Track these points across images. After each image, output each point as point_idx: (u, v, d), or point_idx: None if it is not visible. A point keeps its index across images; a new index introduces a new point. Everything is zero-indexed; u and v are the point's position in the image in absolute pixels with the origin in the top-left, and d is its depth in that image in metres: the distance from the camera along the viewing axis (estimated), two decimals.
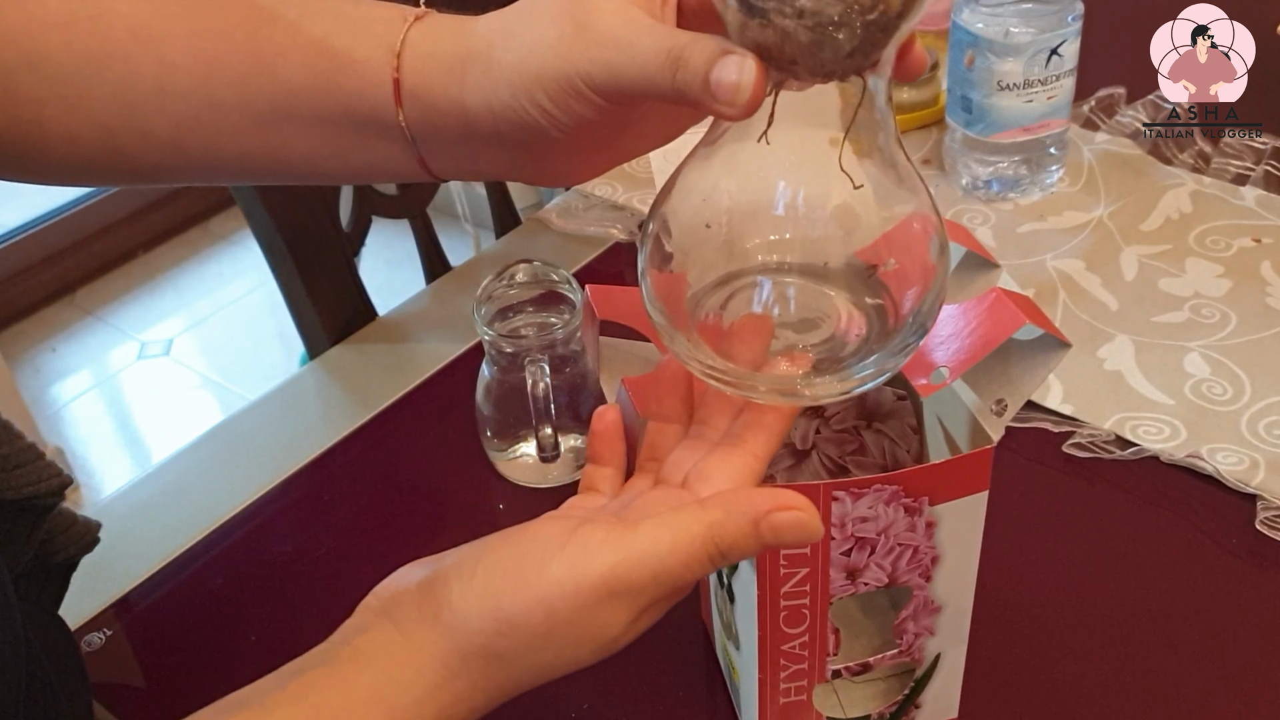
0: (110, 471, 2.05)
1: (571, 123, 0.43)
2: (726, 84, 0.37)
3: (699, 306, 0.44)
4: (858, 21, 0.35)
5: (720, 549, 0.39)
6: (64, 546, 0.63)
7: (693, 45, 0.38)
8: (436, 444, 0.80)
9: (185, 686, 0.65)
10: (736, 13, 0.36)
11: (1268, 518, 0.67)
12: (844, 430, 0.59)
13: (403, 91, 0.45)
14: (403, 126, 0.46)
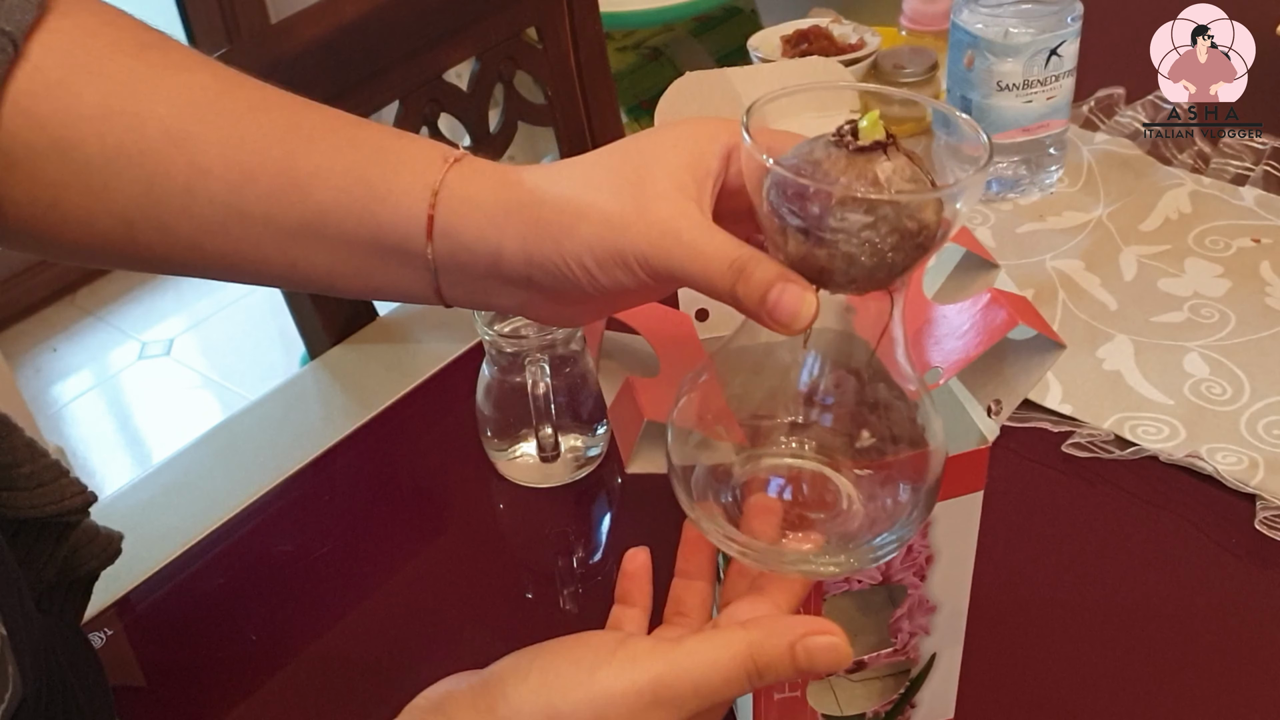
0: (111, 471, 2.05)
1: (610, 285, 0.45)
2: (786, 309, 0.40)
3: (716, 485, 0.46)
4: (907, 246, 0.39)
5: (759, 668, 0.41)
6: (87, 560, 0.63)
7: (755, 263, 0.41)
8: (436, 444, 0.80)
9: (185, 686, 0.65)
10: (800, 242, 0.39)
11: (1267, 517, 0.67)
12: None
13: (435, 229, 0.47)
14: (429, 259, 0.47)
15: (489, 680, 0.44)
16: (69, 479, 0.57)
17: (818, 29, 1.09)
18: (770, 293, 0.40)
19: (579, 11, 1.10)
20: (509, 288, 0.48)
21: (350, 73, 0.94)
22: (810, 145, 0.40)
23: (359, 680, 0.64)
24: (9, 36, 0.45)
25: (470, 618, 0.68)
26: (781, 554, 0.44)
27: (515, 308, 0.49)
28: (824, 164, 0.39)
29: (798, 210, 0.39)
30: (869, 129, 0.39)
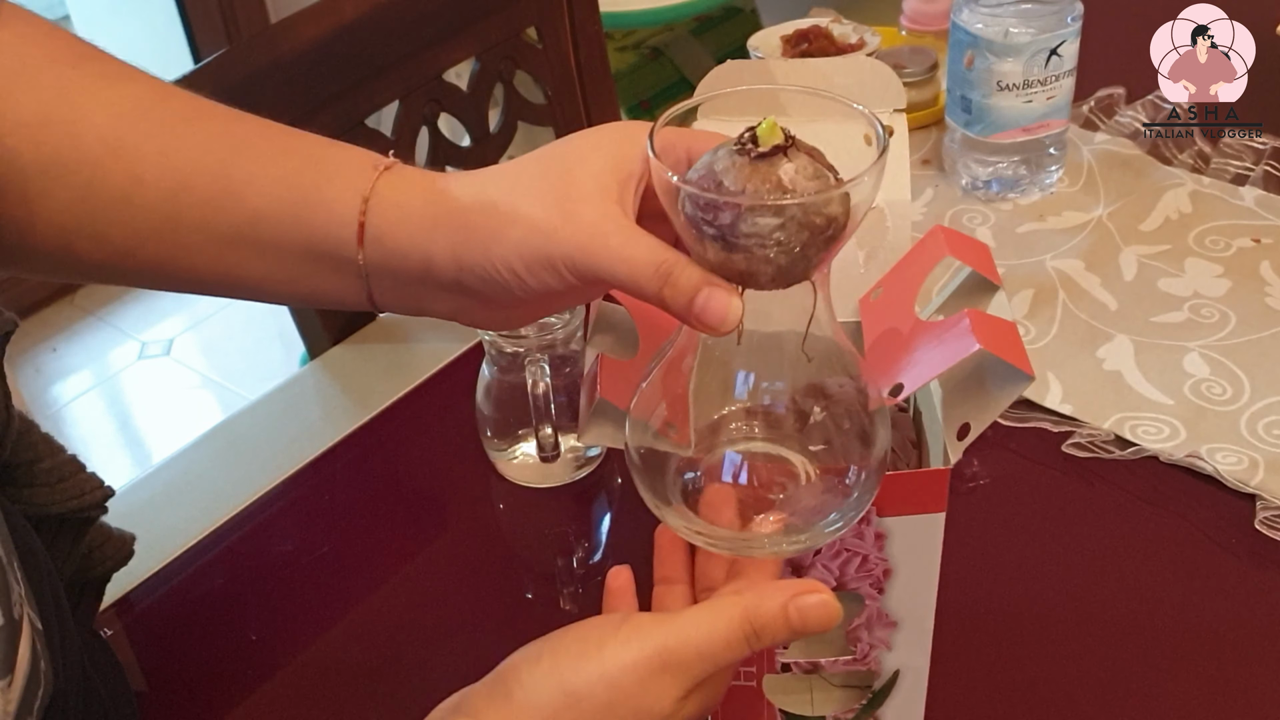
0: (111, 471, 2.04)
1: (538, 289, 0.46)
2: (713, 314, 0.42)
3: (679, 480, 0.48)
4: (818, 241, 0.41)
5: (755, 629, 0.44)
6: (101, 560, 0.63)
7: (680, 269, 0.42)
8: (436, 444, 0.80)
9: (185, 686, 0.65)
10: (717, 250, 0.41)
11: (1267, 517, 0.67)
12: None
13: (366, 235, 0.48)
14: (360, 265, 0.48)
15: (503, 670, 0.46)
16: (87, 474, 0.57)
17: (818, 29, 1.09)
18: (696, 298, 0.42)
19: (579, 11, 1.10)
20: (441, 293, 0.49)
21: (350, 73, 0.94)
22: (714, 155, 0.41)
23: (359, 680, 0.64)
24: None
25: (470, 618, 0.68)
26: (749, 540, 0.46)
27: (448, 313, 0.50)
28: (729, 173, 0.40)
29: (710, 220, 0.40)
30: (766, 134, 0.40)
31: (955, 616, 0.50)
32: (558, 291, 0.46)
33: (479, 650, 0.65)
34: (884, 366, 0.51)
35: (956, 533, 0.69)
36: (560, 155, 0.47)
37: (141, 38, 2.74)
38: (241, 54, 0.91)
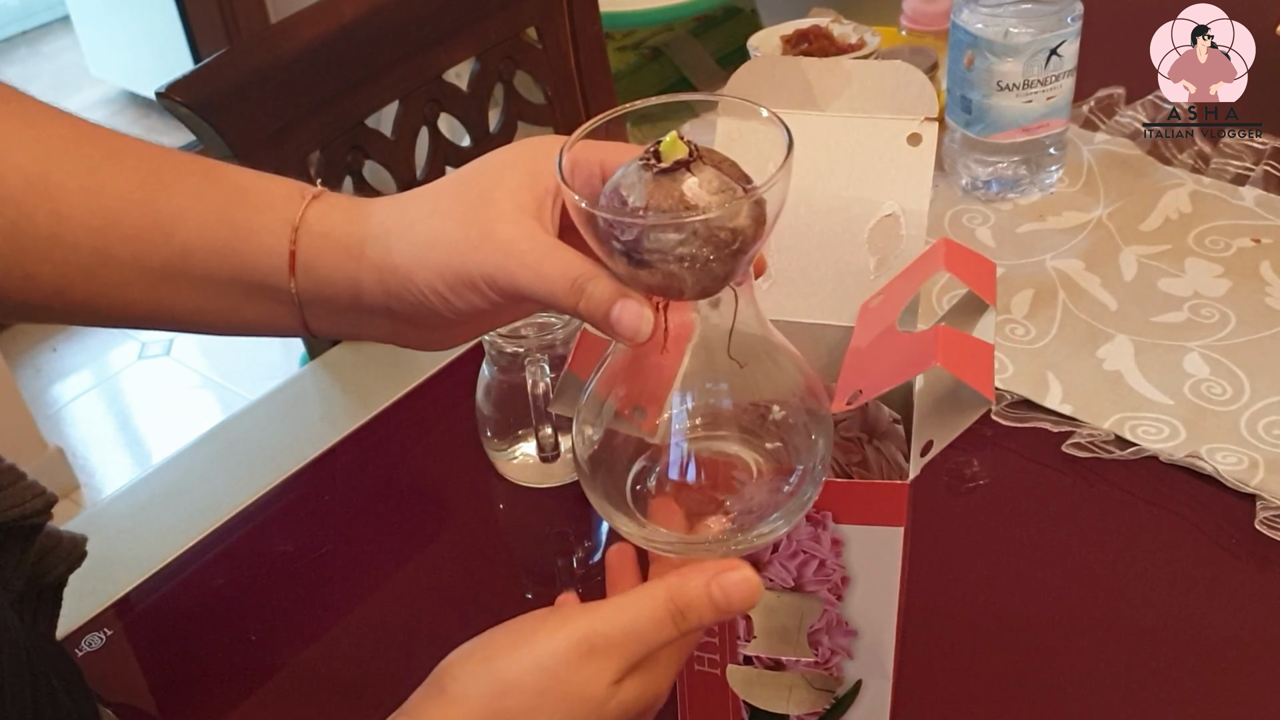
0: (111, 472, 2.05)
1: (465, 308, 0.47)
2: (627, 326, 0.43)
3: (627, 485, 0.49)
4: (726, 254, 0.41)
5: (679, 608, 0.44)
6: (54, 565, 0.63)
7: (594, 282, 0.43)
8: (436, 444, 0.80)
9: (185, 686, 0.65)
10: (626, 266, 0.42)
11: (1267, 518, 0.67)
12: (850, 439, 0.59)
13: (297, 263, 0.49)
14: (293, 293, 0.49)
15: (439, 670, 0.47)
16: (27, 481, 0.57)
17: (818, 29, 1.09)
18: (611, 311, 0.43)
19: (579, 11, 1.11)
20: (373, 318, 0.50)
21: (350, 73, 0.94)
22: (624, 171, 0.42)
23: (359, 680, 0.64)
24: None
25: (470, 618, 0.68)
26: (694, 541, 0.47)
27: (381, 337, 0.51)
28: (634, 189, 0.41)
29: (617, 238, 0.41)
30: (669, 149, 0.40)
31: (955, 616, 0.50)
32: (485, 310, 0.47)
33: None
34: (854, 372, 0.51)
35: (956, 533, 0.69)
36: (478, 175, 0.47)
37: (141, 38, 2.74)
38: (241, 54, 0.91)
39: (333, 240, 0.48)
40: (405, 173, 1.01)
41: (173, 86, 0.84)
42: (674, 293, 0.43)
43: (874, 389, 0.48)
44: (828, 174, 0.56)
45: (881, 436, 0.58)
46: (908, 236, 0.55)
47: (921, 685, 0.52)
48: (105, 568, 0.72)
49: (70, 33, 3.06)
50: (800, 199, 0.56)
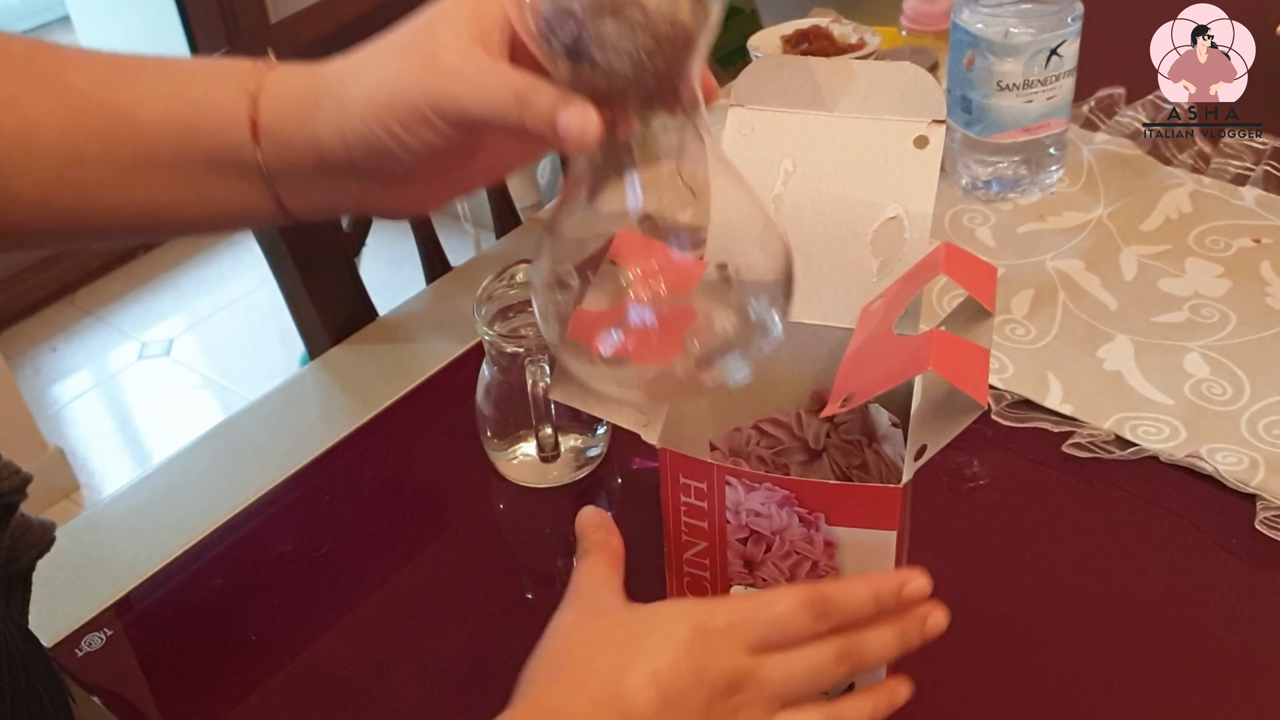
0: (111, 471, 2.05)
1: (421, 148, 0.48)
2: (573, 130, 0.43)
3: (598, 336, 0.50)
4: (667, 48, 0.41)
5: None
6: (25, 551, 0.63)
7: (535, 90, 0.44)
8: (436, 444, 0.80)
9: (185, 686, 0.65)
10: (566, 66, 0.42)
11: (1267, 518, 0.67)
12: (850, 441, 0.60)
13: (259, 131, 0.50)
14: (260, 164, 0.50)
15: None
16: (2, 461, 0.58)
17: (818, 29, 1.09)
18: (557, 118, 0.43)
19: None
20: (339, 180, 0.51)
21: None
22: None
23: (359, 679, 0.64)
24: None
25: (470, 618, 0.68)
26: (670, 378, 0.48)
27: (354, 204, 0.53)
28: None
29: (558, 33, 0.41)
30: None
31: (954, 616, 0.50)
32: (442, 150, 0.48)
33: (479, 650, 0.66)
34: (849, 374, 0.52)
35: (956, 533, 0.69)
36: (425, 18, 0.48)
37: (141, 38, 2.74)
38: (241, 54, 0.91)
39: (290, 101, 0.50)
40: None
41: None
42: (617, 94, 0.43)
43: (866, 392, 0.49)
44: (833, 175, 0.56)
45: (881, 440, 0.58)
46: (911, 240, 0.55)
47: (919, 685, 0.52)
48: (105, 568, 0.72)
49: (70, 32, 3.06)
50: (804, 199, 0.56)
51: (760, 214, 0.48)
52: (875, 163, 0.56)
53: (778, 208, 0.56)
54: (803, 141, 0.55)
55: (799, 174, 0.56)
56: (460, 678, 0.65)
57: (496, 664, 0.65)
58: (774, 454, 0.60)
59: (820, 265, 0.57)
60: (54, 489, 1.95)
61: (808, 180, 0.56)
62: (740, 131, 0.57)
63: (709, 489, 0.51)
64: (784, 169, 0.56)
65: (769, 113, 0.57)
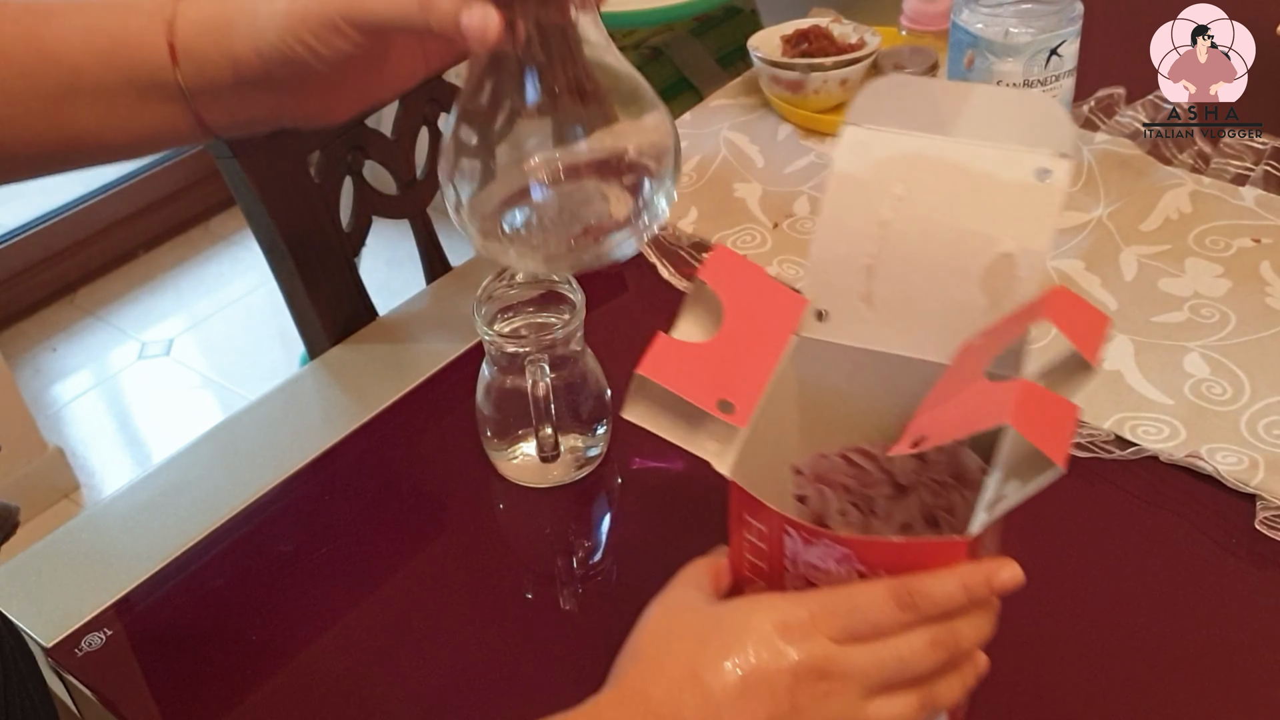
0: (111, 471, 2.05)
1: (333, 56, 0.52)
2: (475, 27, 0.48)
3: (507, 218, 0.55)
4: None
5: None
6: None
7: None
8: (436, 444, 0.80)
9: (185, 686, 0.65)
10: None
11: (1267, 517, 0.67)
12: (940, 481, 0.57)
13: (177, 53, 0.53)
14: (179, 84, 0.54)
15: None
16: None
17: (818, 29, 1.09)
18: (460, 17, 0.49)
19: None
20: (256, 94, 0.55)
21: None
22: None
23: (359, 679, 0.64)
24: None
25: (470, 618, 0.68)
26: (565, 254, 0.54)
27: (270, 116, 0.56)
28: None
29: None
30: None
31: None
32: (352, 55, 0.52)
33: (478, 650, 0.66)
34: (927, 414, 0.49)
35: None
36: None
37: None
38: None
39: (205, 25, 0.53)
40: (405, 173, 1.01)
41: None
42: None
43: (939, 435, 0.47)
44: (946, 203, 0.53)
45: (972, 486, 0.55)
46: (1023, 279, 0.52)
47: None
48: (105, 568, 0.72)
49: None
50: (914, 226, 0.54)
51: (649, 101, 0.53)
52: (992, 193, 0.53)
53: (885, 233, 0.54)
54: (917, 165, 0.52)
55: (910, 199, 0.53)
56: (460, 677, 0.65)
57: (497, 663, 0.65)
58: (860, 485, 0.58)
59: (924, 297, 0.54)
60: (54, 489, 1.95)
61: (919, 207, 0.54)
62: (854, 151, 0.55)
63: (769, 533, 0.49)
64: (895, 193, 0.54)
65: (884, 133, 0.55)
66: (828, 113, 1.06)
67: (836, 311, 0.55)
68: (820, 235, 0.55)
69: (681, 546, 0.64)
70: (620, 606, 0.68)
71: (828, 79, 1.04)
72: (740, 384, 0.50)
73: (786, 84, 1.05)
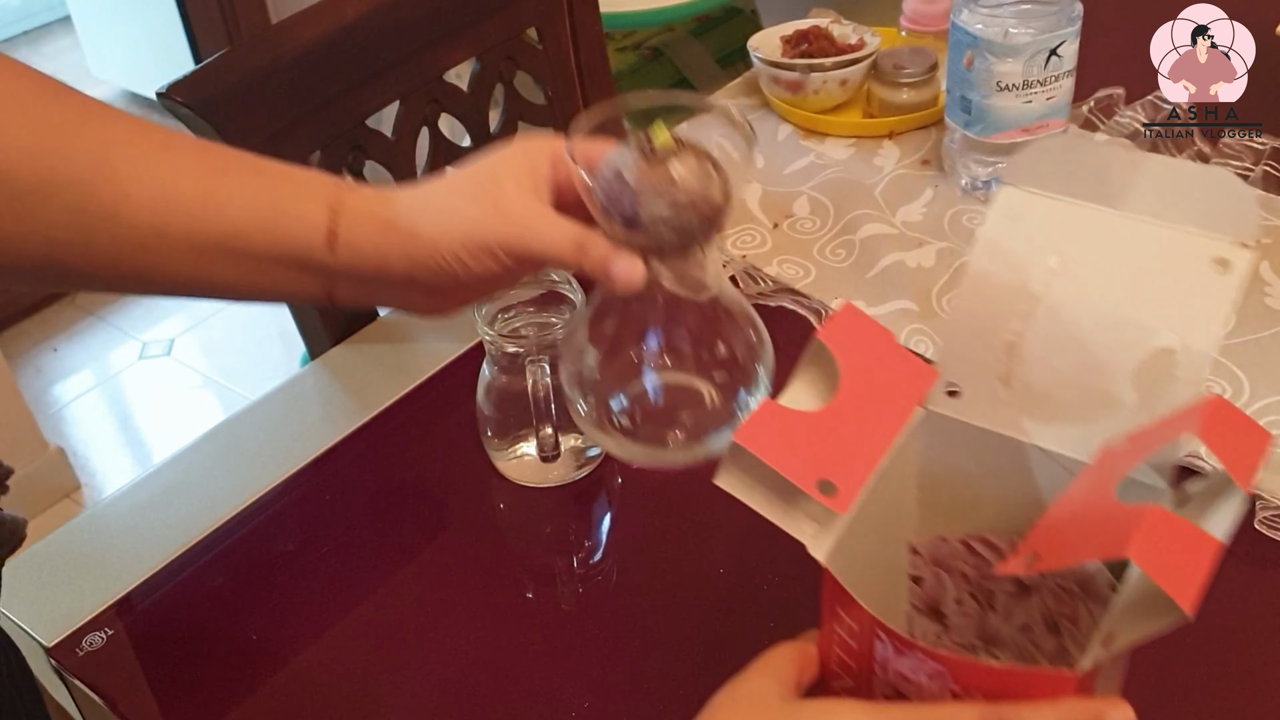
0: (111, 471, 2.05)
1: (481, 274, 0.56)
2: (622, 278, 0.53)
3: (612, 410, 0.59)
4: (705, 222, 0.52)
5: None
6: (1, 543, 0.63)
7: (593, 242, 0.54)
8: (436, 444, 0.80)
9: (185, 686, 0.65)
10: (620, 229, 0.53)
11: (1267, 517, 0.67)
12: (1066, 589, 0.52)
13: (336, 241, 0.56)
14: (329, 267, 0.56)
15: None
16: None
17: (818, 29, 1.09)
18: (610, 265, 0.53)
19: (579, 11, 1.11)
20: (393, 287, 0.58)
21: (350, 73, 0.94)
22: (621, 154, 0.52)
23: (359, 679, 0.64)
24: None
25: (470, 617, 0.68)
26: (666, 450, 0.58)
27: (395, 304, 0.60)
28: (631, 170, 0.51)
29: (616, 208, 0.52)
30: (659, 138, 0.51)
31: None
32: (496, 274, 0.56)
33: (478, 650, 0.66)
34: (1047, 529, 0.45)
35: None
36: (486, 165, 0.57)
37: (142, 38, 2.74)
38: (242, 54, 0.91)
39: (366, 221, 0.56)
40: (406, 173, 1.01)
41: (173, 86, 0.84)
42: (657, 251, 0.53)
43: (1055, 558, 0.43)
44: (1105, 284, 0.49)
45: (1096, 599, 0.51)
46: (1182, 380, 0.47)
47: None
48: (105, 568, 0.72)
49: (71, 33, 3.06)
50: (1066, 305, 0.49)
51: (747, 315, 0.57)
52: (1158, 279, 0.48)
53: (1033, 309, 0.49)
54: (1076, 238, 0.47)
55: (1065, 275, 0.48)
56: (460, 677, 0.65)
57: (497, 663, 0.65)
58: (980, 576, 0.54)
59: (1068, 385, 0.49)
60: (54, 489, 1.95)
61: (1074, 284, 0.49)
62: (1008, 215, 0.51)
63: (860, 632, 0.45)
64: (1049, 266, 0.49)
65: (1044, 198, 0.50)
66: (827, 113, 1.06)
67: (970, 389, 0.51)
68: (960, 302, 0.51)
69: (681, 546, 0.65)
70: (620, 606, 0.68)
71: (827, 79, 1.04)
72: (848, 463, 0.45)
73: (786, 84, 1.05)
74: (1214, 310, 0.47)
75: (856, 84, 1.06)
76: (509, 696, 0.63)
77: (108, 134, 0.54)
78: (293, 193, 0.56)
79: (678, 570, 0.69)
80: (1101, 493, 0.44)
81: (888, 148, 1.03)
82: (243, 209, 0.55)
